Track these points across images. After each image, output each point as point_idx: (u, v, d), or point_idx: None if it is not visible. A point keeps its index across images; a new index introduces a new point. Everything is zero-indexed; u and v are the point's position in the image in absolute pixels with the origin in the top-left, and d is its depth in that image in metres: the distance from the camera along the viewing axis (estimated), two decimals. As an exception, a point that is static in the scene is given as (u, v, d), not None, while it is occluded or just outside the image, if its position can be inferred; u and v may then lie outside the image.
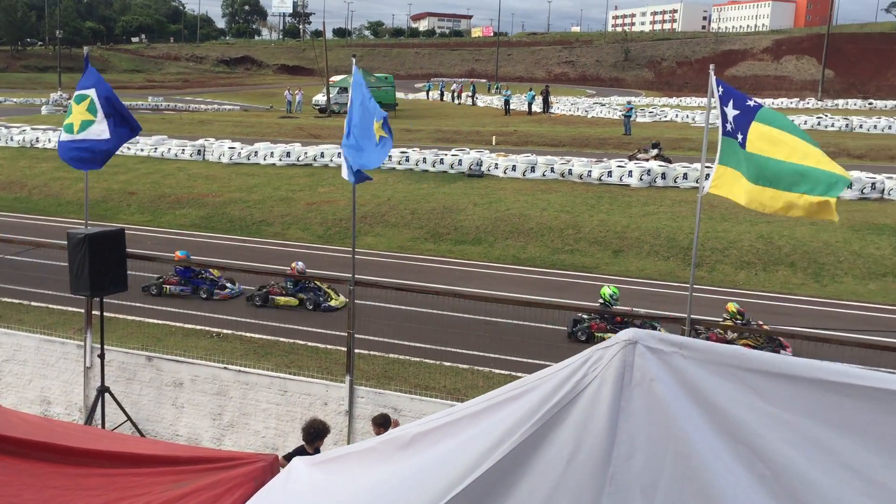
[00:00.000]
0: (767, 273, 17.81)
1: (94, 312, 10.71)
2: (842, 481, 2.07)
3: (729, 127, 7.59)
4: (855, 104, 62.82)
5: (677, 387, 2.18)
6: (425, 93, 77.55)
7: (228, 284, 16.14)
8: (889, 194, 22.79)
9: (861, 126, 43.03)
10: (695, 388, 2.18)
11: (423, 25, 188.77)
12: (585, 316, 14.01)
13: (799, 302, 16.28)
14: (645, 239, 19.58)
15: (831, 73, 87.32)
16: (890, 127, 42.49)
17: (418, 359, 12.57)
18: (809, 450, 2.09)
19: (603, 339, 2.52)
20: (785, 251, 18.42)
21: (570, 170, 25.37)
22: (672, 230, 19.82)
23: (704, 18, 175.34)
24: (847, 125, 43.17)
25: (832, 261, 17.99)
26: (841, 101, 65.32)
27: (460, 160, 26.74)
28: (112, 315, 12.53)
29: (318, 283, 15.51)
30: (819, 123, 43.44)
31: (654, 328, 12.87)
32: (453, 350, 13.03)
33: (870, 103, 62.86)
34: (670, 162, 26.10)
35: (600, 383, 2.20)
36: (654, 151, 27.48)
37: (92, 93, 9.90)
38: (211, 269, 16.16)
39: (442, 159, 26.95)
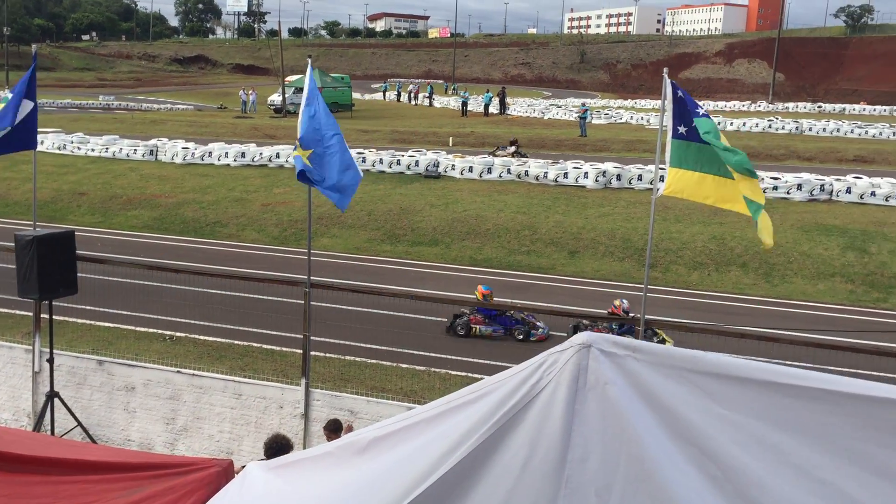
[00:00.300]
0: (720, 273, 18.09)
1: (42, 316, 10.50)
2: (791, 481, 2.11)
3: (682, 130, 7.69)
4: (804, 107, 64.15)
5: (631, 390, 2.20)
6: (382, 93, 77.37)
7: (539, 324, 14.40)
8: (837, 196, 23.29)
9: (810, 129, 43.92)
10: (648, 391, 2.20)
11: (379, 26, 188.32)
12: None
13: (750, 302, 16.56)
14: (600, 240, 19.76)
15: (782, 76, 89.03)
16: (838, 129, 43.43)
17: (375, 361, 12.55)
18: (759, 451, 2.13)
19: None
20: (737, 252, 18.72)
21: (526, 171, 25.51)
22: (627, 231, 20.03)
23: (659, 21, 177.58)
24: (797, 128, 44.03)
25: (782, 261, 18.33)
26: (791, 104, 66.65)
27: (417, 161, 26.72)
28: (61, 318, 12.29)
29: (654, 328, 13.40)
30: (770, 126, 44.26)
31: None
32: (410, 352, 13.04)
33: (819, 106, 64.21)
34: (527, 157, 27.69)
35: (555, 387, 2.21)
36: (512, 148, 29.08)
37: (9, 95, 9.84)
38: (522, 309, 14.43)
39: (398, 160, 26.91)
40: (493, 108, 55.30)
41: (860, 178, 24.04)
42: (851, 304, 16.48)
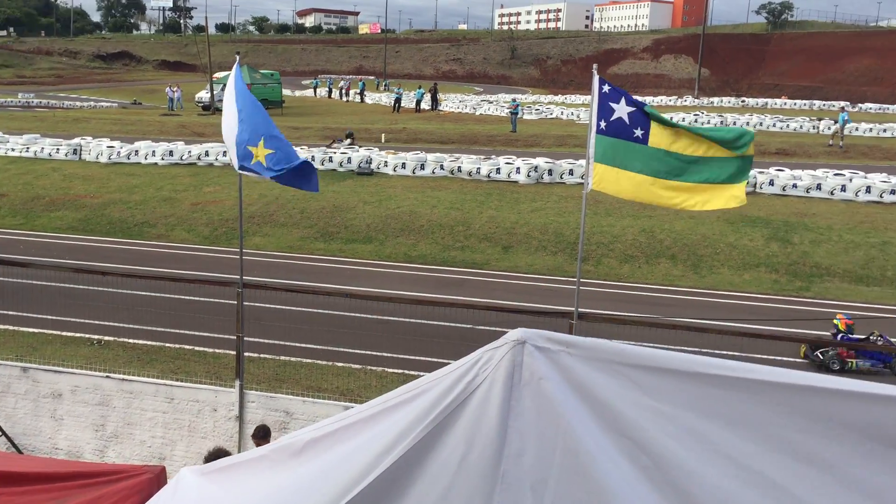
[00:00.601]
0: (650, 266, 18.43)
1: (-38, 322, 10.16)
2: (719, 469, 2.16)
3: (603, 125, 7.82)
4: (729, 102, 65.80)
5: (565, 384, 2.22)
6: (313, 90, 76.74)
7: None
8: (761, 188, 23.92)
9: (735, 123, 45.02)
10: (581, 386, 2.23)
11: (309, 21, 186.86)
12: None
13: (679, 293, 16.92)
14: (533, 234, 19.95)
15: (707, 71, 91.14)
16: (761, 123, 44.67)
17: (310, 360, 12.45)
18: (689, 441, 2.17)
19: None
20: (666, 244, 19.11)
21: (459, 167, 25.58)
22: (559, 225, 20.26)
23: (587, 18, 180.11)
24: (722, 122, 45.11)
25: (710, 252, 18.77)
26: (716, 99, 68.32)
27: (349, 158, 26.58)
28: (-17, 324, 11.90)
29: None
30: (696, 120, 45.23)
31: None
32: (346, 350, 12.96)
33: (742, 101, 65.97)
34: (360, 148, 28.67)
35: (490, 384, 2.23)
36: (348, 141, 30.49)
37: None
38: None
39: (331, 157, 26.73)
40: (426, 104, 55.34)
41: (782, 170, 24.75)
42: (776, 293, 16.96)
